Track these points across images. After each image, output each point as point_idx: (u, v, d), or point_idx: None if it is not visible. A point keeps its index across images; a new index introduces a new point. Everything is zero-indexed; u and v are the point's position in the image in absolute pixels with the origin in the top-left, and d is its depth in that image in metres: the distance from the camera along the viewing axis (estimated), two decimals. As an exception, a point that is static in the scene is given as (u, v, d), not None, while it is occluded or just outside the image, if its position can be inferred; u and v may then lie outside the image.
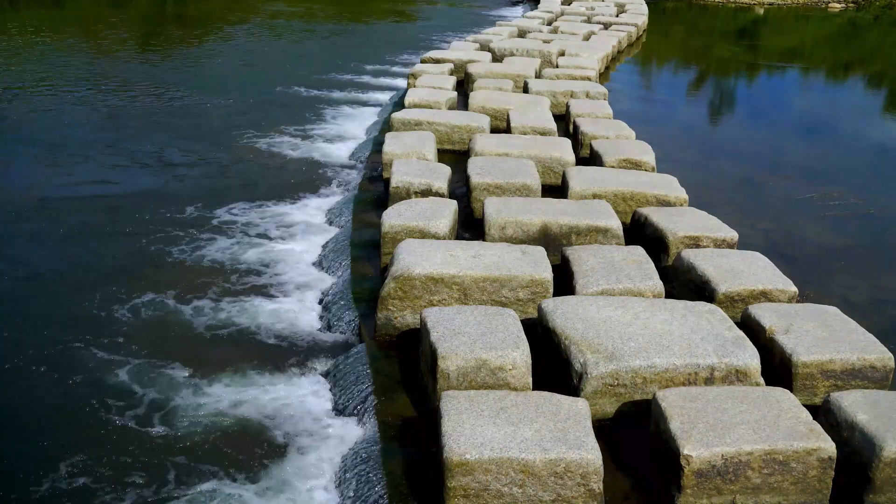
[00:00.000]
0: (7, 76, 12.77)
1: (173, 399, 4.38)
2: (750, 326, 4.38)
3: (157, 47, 16.75)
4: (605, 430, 3.83)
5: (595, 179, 6.48)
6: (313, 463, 3.90)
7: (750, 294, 4.76)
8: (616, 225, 5.57)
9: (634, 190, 6.34)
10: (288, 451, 3.99)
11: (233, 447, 4.02)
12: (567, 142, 7.61)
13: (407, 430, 3.94)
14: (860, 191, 8.50)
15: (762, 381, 3.95)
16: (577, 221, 5.54)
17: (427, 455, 3.65)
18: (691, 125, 12.27)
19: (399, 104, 10.14)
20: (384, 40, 18.66)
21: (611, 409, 3.88)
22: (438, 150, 7.78)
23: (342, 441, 4.02)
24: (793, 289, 4.84)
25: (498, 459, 3.20)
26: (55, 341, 4.96)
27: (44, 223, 6.85)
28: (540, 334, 4.29)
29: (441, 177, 6.43)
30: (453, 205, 5.76)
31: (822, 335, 4.17)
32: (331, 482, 3.77)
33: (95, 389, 4.47)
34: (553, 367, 4.09)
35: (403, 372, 4.43)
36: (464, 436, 3.28)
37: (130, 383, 4.53)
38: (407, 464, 3.67)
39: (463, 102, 10.13)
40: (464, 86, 11.26)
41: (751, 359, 3.92)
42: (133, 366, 4.70)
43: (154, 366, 4.70)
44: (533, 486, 3.23)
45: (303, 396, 4.44)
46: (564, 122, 9.32)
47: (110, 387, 4.50)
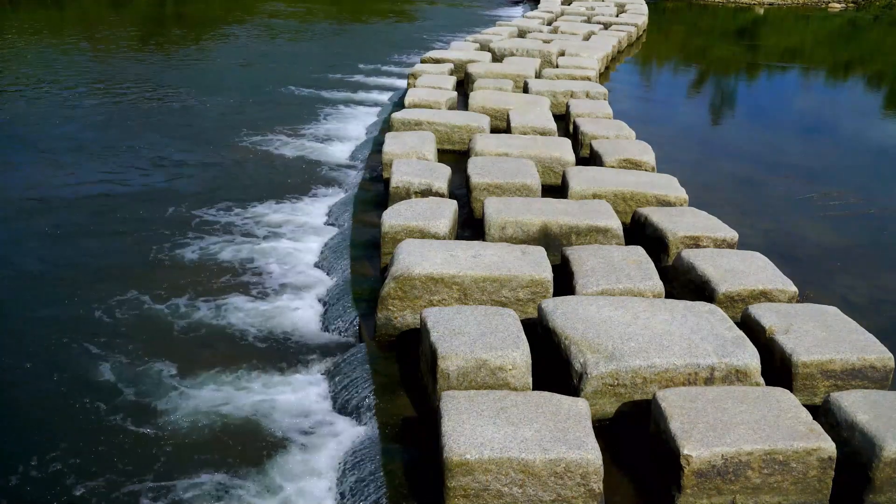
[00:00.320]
0: (7, 76, 12.77)
1: (171, 398, 4.38)
2: (750, 326, 4.38)
3: (157, 47, 16.74)
4: (605, 430, 3.83)
5: (595, 179, 6.48)
6: (313, 463, 3.90)
7: (750, 294, 4.76)
8: (616, 225, 5.57)
9: (634, 190, 6.34)
10: (287, 451, 3.99)
11: (232, 447, 4.02)
12: (567, 142, 7.61)
13: (407, 430, 3.94)
14: (860, 191, 8.50)
15: (762, 381, 3.95)
16: (577, 221, 5.54)
17: (427, 455, 3.65)
18: (691, 125, 12.26)
19: (399, 104, 10.14)
20: (384, 40, 18.66)
21: (611, 409, 3.88)
22: (438, 150, 7.78)
23: (342, 441, 4.02)
24: (793, 289, 4.84)
25: (498, 459, 3.20)
26: (55, 341, 4.97)
27: (43, 223, 6.84)
28: (540, 334, 4.29)
29: (441, 177, 6.43)
30: (453, 205, 5.76)
31: (822, 335, 4.17)
32: (331, 482, 3.77)
33: (95, 388, 4.47)
34: (553, 367, 4.09)
35: (403, 372, 4.43)
36: (464, 436, 3.28)
37: (130, 383, 4.53)
38: (407, 464, 3.67)
39: (463, 102, 10.12)
40: (464, 86, 11.26)
41: (751, 359, 3.92)
42: (132, 365, 4.70)
43: (152, 365, 4.70)
44: (533, 486, 3.23)
45: (302, 396, 4.44)
46: (564, 122, 9.32)
47: (106, 385, 4.50)
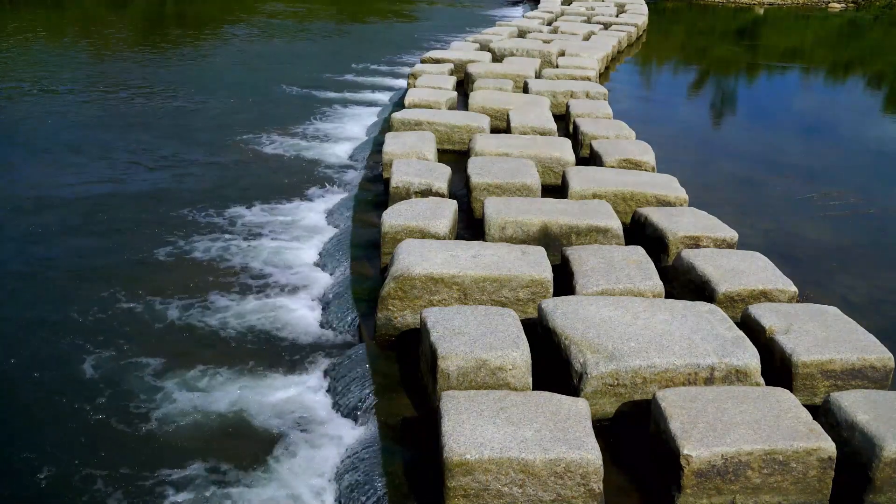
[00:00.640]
0: (6, 76, 12.76)
1: (170, 397, 4.38)
2: (750, 326, 4.38)
3: (157, 47, 16.74)
4: (605, 430, 3.83)
5: (595, 179, 6.48)
6: (313, 462, 3.90)
7: (750, 294, 4.76)
8: (616, 225, 5.57)
9: (634, 190, 6.34)
10: (287, 451, 3.99)
11: (232, 446, 4.02)
12: (567, 142, 7.61)
13: (407, 430, 3.94)
14: (860, 191, 8.50)
15: (762, 381, 3.94)
16: (577, 221, 5.54)
17: (427, 455, 3.65)
18: (691, 125, 12.26)
19: (399, 104, 10.13)
20: (384, 40, 18.66)
21: (611, 409, 3.88)
22: (438, 150, 7.78)
23: (342, 441, 4.02)
24: (793, 289, 4.83)
25: (498, 459, 3.20)
26: (54, 342, 4.97)
27: (43, 223, 6.84)
28: (540, 334, 4.29)
29: (441, 177, 6.43)
30: (453, 205, 5.76)
31: (822, 335, 4.16)
32: (331, 482, 3.77)
33: (92, 387, 4.47)
34: (553, 367, 4.09)
35: (403, 372, 4.43)
36: (464, 436, 3.28)
37: (129, 382, 4.53)
38: (407, 464, 3.67)
39: (463, 102, 10.12)
40: (464, 86, 11.25)
41: (751, 359, 3.92)
42: (130, 365, 4.70)
43: (152, 365, 4.70)
44: (533, 486, 3.23)
45: (302, 396, 4.44)
46: (564, 122, 9.32)
47: (107, 385, 4.50)
